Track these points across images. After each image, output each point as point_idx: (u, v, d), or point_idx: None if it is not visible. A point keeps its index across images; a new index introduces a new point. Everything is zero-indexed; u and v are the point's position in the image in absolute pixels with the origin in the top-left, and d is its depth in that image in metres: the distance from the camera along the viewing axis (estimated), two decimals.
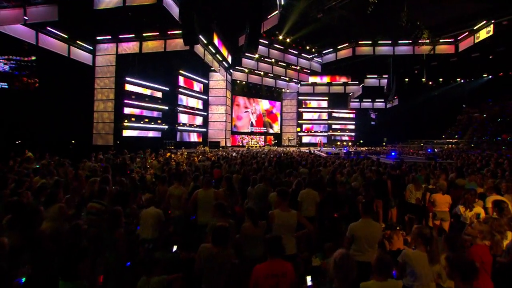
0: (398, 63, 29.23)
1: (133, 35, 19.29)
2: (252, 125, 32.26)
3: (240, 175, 7.52)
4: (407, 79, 35.21)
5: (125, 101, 19.83)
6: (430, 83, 36.73)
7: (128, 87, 20.13)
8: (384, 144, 39.15)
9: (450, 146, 33.98)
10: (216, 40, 21.58)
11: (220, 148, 21.65)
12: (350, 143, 35.38)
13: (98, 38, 19.50)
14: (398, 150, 19.14)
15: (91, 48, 19.46)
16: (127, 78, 19.85)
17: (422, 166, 7.14)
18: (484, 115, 39.91)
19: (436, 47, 23.90)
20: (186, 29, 14.43)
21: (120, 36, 19.45)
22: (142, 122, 21.22)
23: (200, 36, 20.28)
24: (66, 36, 17.13)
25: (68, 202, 4.28)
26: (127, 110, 20.22)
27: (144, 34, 19.23)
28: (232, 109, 29.97)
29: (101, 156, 13.70)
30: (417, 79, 35.14)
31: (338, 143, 35.74)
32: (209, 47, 21.80)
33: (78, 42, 18.19)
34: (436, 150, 22.21)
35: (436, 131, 39.93)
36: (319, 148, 22.94)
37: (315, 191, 4.61)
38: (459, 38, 22.83)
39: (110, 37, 19.46)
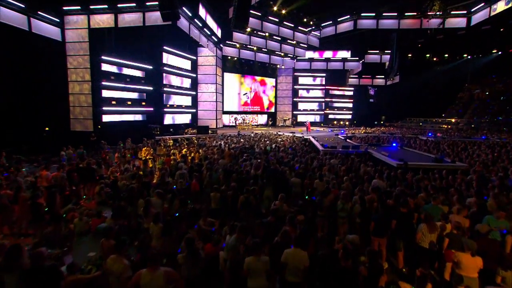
0: (401, 38, 27.00)
1: (106, 6, 16.86)
2: (246, 104, 30.57)
3: (219, 194, 6.41)
4: (410, 55, 33.06)
5: (103, 83, 17.90)
6: (435, 59, 34.69)
7: (106, 67, 18.07)
8: (382, 122, 38.07)
9: (448, 126, 33.05)
10: (202, 12, 19.19)
11: (209, 133, 20.21)
12: (347, 122, 34.12)
13: (65, 8, 17.02)
14: (398, 138, 18.01)
15: (58, 20, 17.03)
16: (104, 57, 17.71)
17: (435, 188, 6.02)
18: (487, 93, 38.54)
19: (446, 21, 21.76)
20: (164, 1, 12.33)
21: (92, 7, 16.99)
22: (124, 105, 19.49)
23: (184, 8, 17.94)
24: (23, 6, 14.65)
25: None
26: (106, 93, 18.38)
27: (119, 5, 16.83)
28: (223, 87, 28.03)
29: (71, 151, 12.50)
30: (421, 55, 33.07)
31: (335, 122, 34.49)
32: (195, 20, 19.46)
33: (40, 13, 15.70)
34: (438, 134, 21.16)
35: (437, 109, 38.74)
36: (308, 131, 21.63)
37: (304, 252, 3.51)
38: (472, 10, 20.63)
39: (79, 7, 16.99)
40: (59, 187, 7.35)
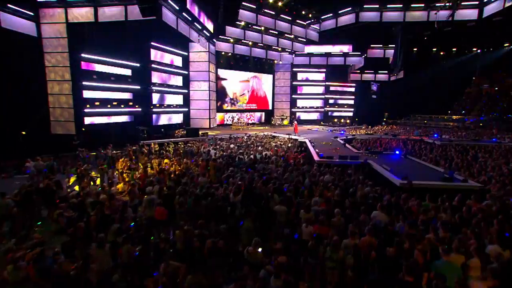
0: (407, 31, 25.31)
1: None
2: (239, 101, 29.21)
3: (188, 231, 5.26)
4: (415, 49, 31.30)
5: (84, 82, 16.65)
6: (442, 53, 32.90)
7: (87, 66, 16.78)
8: (385, 119, 36.58)
9: (454, 124, 31.55)
10: (189, 5, 17.74)
11: (199, 135, 18.91)
12: (348, 120, 32.64)
13: (39, 0, 15.64)
14: (402, 142, 16.67)
15: (32, 14, 15.68)
16: (84, 55, 16.41)
17: (446, 226, 4.80)
18: (496, 88, 36.77)
19: (456, 12, 20.10)
20: None
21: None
22: (109, 106, 18.28)
23: (170, 1, 16.49)
24: None
25: None
26: (88, 93, 17.16)
27: None
28: (217, 85, 26.65)
29: (41, 162, 11.29)
30: (427, 49, 31.33)
31: (335, 119, 33.06)
32: (183, 13, 18.02)
33: (9, 5, 14.31)
34: (444, 136, 19.75)
35: (443, 106, 37.08)
36: (295, 132, 20.21)
37: None
38: (485, 0, 18.95)
39: None
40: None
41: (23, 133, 16.03)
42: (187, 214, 6.30)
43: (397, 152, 12.42)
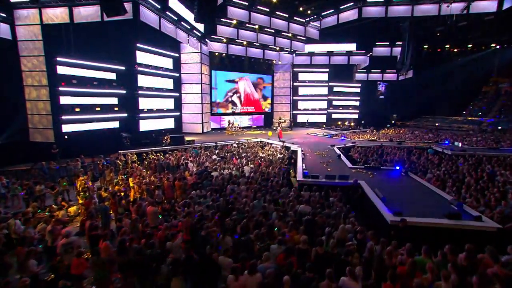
0: (416, 27, 23.16)
1: None
2: (234, 104, 27.70)
3: None
4: (426, 46, 28.95)
5: (61, 88, 15.64)
6: (456, 49, 30.40)
7: (63, 70, 15.74)
8: (393, 122, 34.38)
9: (469, 126, 29.09)
10: (175, 4, 16.46)
11: (185, 145, 17.51)
12: (352, 123, 30.62)
13: (12, 0, 14.72)
14: (406, 152, 14.79)
15: (4, 15, 14.79)
16: (59, 59, 15.38)
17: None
18: None
19: (472, 4, 17.96)
20: None
21: None
22: (91, 112, 17.22)
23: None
24: None
25: None
26: (67, 99, 16.14)
27: None
28: (211, 87, 25.32)
29: None
30: (439, 46, 28.94)
31: (339, 122, 31.12)
32: (167, 12, 16.75)
33: None
34: (457, 143, 17.67)
35: (457, 106, 34.51)
36: (280, 138, 18.66)
37: None
38: None
39: None
40: None
41: None
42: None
43: (398, 167, 10.70)
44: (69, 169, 12.52)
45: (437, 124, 31.06)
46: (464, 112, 35.15)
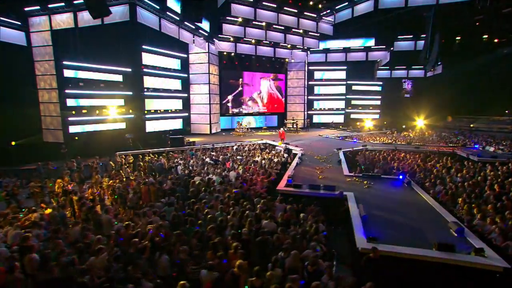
0: (446, 17, 20.71)
1: (63, 4, 14.99)
2: (255, 102, 27.11)
3: None
4: (459, 38, 25.88)
5: (67, 91, 16.27)
6: (496, 40, 26.82)
7: (70, 73, 16.37)
8: (416, 123, 31.37)
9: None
10: (174, 4, 16.29)
11: (185, 144, 17.28)
12: (372, 126, 28.33)
13: (27, 9, 15.59)
14: (417, 162, 12.95)
15: (19, 23, 15.71)
16: (65, 62, 15.99)
17: None
18: None
19: None
20: None
21: (50, 6, 15.30)
22: (97, 113, 17.74)
23: (147, 0, 15.20)
24: None
25: None
26: (74, 101, 16.78)
27: (75, 1, 14.81)
28: (221, 87, 24.99)
29: None
30: (474, 36, 25.71)
31: (357, 123, 29.10)
32: (167, 13, 16.66)
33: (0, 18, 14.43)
34: (488, 148, 15.33)
35: (496, 104, 30.46)
36: (281, 142, 17.30)
37: None
38: None
39: (39, 7, 15.44)
40: None
41: (13, 143, 16.20)
42: None
43: (401, 177, 9.32)
44: (47, 171, 12.72)
45: (471, 125, 27.70)
46: (507, 111, 30.93)
